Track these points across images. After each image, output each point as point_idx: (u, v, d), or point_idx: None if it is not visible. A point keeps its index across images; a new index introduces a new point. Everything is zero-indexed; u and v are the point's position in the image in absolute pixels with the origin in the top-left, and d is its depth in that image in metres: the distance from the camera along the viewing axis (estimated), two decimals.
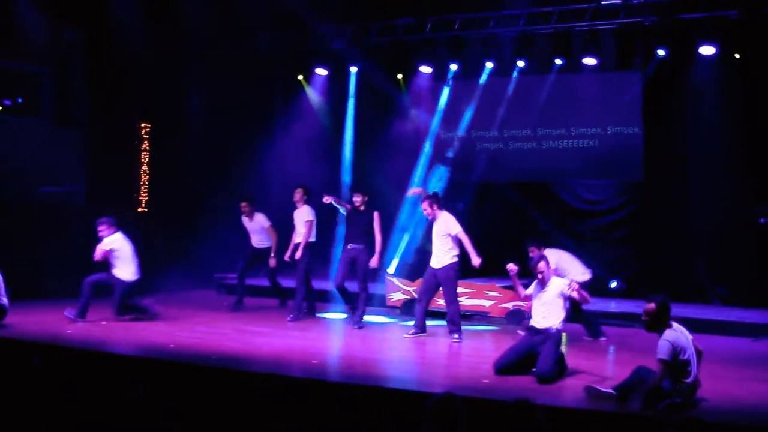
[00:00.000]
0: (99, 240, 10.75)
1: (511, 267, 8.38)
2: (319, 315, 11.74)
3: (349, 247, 10.90)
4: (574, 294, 8.03)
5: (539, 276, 8.18)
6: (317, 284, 12.08)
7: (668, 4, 12.08)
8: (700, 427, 6.16)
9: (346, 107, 15.27)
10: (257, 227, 12.30)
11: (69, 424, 7.07)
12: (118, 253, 10.75)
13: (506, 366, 7.96)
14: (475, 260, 9.89)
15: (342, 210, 11.09)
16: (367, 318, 11.04)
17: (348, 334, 10.52)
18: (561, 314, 8.13)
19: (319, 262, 12.71)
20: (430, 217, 10.13)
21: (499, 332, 10.84)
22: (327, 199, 11.01)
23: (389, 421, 6.67)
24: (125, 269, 10.75)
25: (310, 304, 11.66)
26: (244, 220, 12.40)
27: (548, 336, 7.99)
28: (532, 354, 7.95)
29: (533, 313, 8.30)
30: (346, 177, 15.22)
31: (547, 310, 8.14)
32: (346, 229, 11.14)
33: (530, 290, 8.39)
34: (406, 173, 14.64)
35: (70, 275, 10.58)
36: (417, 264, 13.04)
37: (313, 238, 11.50)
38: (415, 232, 14.34)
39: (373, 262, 10.77)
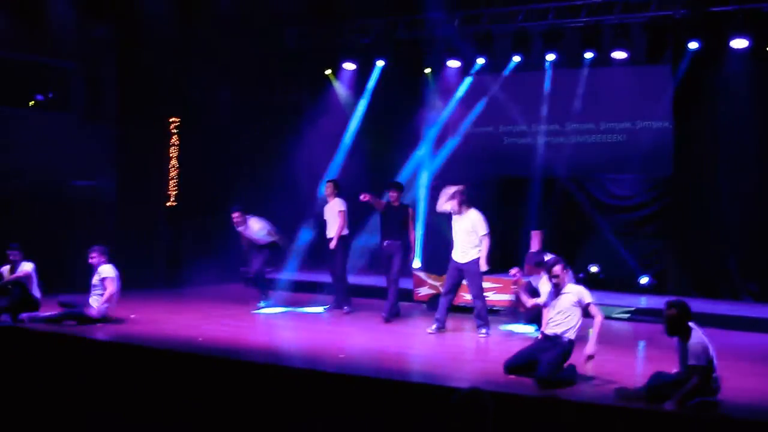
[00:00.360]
0: (91, 266, 10.09)
1: (515, 272, 8.19)
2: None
3: (385, 243, 10.95)
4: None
5: (554, 281, 7.77)
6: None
7: None
8: (731, 425, 6.08)
9: (371, 101, 15.22)
10: (253, 235, 11.47)
11: (97, 416, 7.14)
12: (111, 285, 10.04)
13: (513, 366, 7.68)
14: (484, 267, 9.87)
15: (377, 207, 11.12)
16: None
17: (375, 329, 10.48)
18: (574, 323, 7.67)
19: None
20: (454, 212, 10.05)
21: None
22: (364, 197, 11.03)
23: (415, 416, 6.65)
24: (101, 303, 10.01)
25: (345, 297, 11.65)
26: (240, 230, 11.52)
27: (557, 343, 7.58)
28: (537, 359, 7.53)
29: (545, 320, 7.91)
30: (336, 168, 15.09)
31: (560, 318, 7.71)
32: (381, 225, 11.14)
33: (542, 298, 8.00)
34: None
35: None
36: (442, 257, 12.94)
37: (346, 231, 11.46)
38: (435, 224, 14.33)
39: (410, 258, 10.91)
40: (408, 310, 11.54)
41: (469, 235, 9.90)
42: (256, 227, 11.43)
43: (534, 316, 9.44)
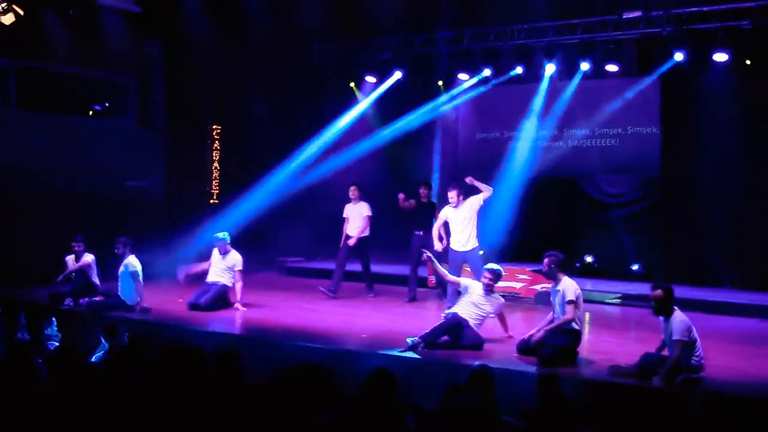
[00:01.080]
0: (117, 257, 9.93)
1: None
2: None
3: (420, 234, 11.05)
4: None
5: (544, 269, 7.67)
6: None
7: (685, 16, 11.84)
8: (719, 401, 6.03)
9: (390, 110, 15.14)
10: (222, 263, 10.31)
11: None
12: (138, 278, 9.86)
13: (524, 348, 7.66)
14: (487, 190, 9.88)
15: (408, 206, 11.27)
16: None
17: (394, 312, 10.49)
18: (574, 315, 7.45)
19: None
20: (454, 205, 9.98)
21: (528, 312, 10.71)
22: (401, 196, 11.24)
23: (429, 390, 6.63)
24: (132, 294, 9.84)
25: (369, 284, 11.71)
26: (217, 257, 10.33)
27: (565, 332, 7.47)
28: (547, 343, 7.45)
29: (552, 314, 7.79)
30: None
31: (561, 312, 7.60)
32: (413, 219, 11.28)
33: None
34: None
35: (152, 261, 10.63)
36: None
37: (367, 232, 11.48)
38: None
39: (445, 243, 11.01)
40: (423, 295, 11.54)
41: (470, 222, 9.91)
42: (235, 259, 10.29)
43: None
